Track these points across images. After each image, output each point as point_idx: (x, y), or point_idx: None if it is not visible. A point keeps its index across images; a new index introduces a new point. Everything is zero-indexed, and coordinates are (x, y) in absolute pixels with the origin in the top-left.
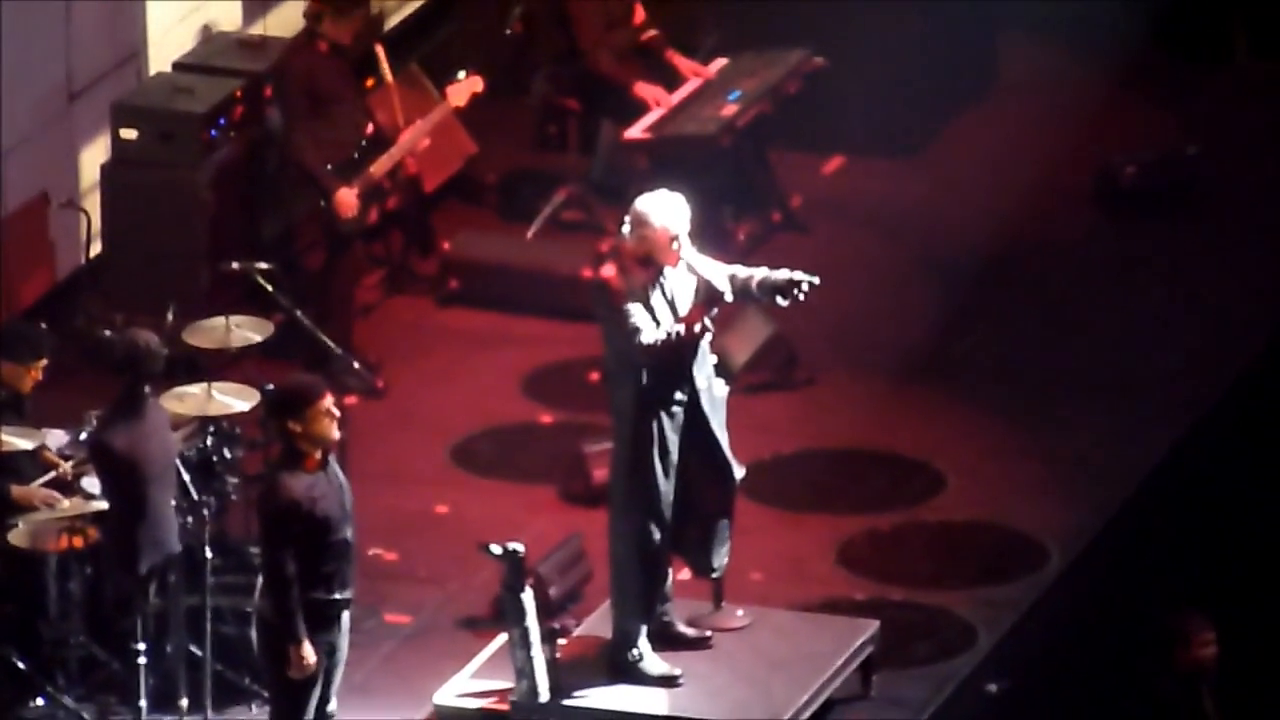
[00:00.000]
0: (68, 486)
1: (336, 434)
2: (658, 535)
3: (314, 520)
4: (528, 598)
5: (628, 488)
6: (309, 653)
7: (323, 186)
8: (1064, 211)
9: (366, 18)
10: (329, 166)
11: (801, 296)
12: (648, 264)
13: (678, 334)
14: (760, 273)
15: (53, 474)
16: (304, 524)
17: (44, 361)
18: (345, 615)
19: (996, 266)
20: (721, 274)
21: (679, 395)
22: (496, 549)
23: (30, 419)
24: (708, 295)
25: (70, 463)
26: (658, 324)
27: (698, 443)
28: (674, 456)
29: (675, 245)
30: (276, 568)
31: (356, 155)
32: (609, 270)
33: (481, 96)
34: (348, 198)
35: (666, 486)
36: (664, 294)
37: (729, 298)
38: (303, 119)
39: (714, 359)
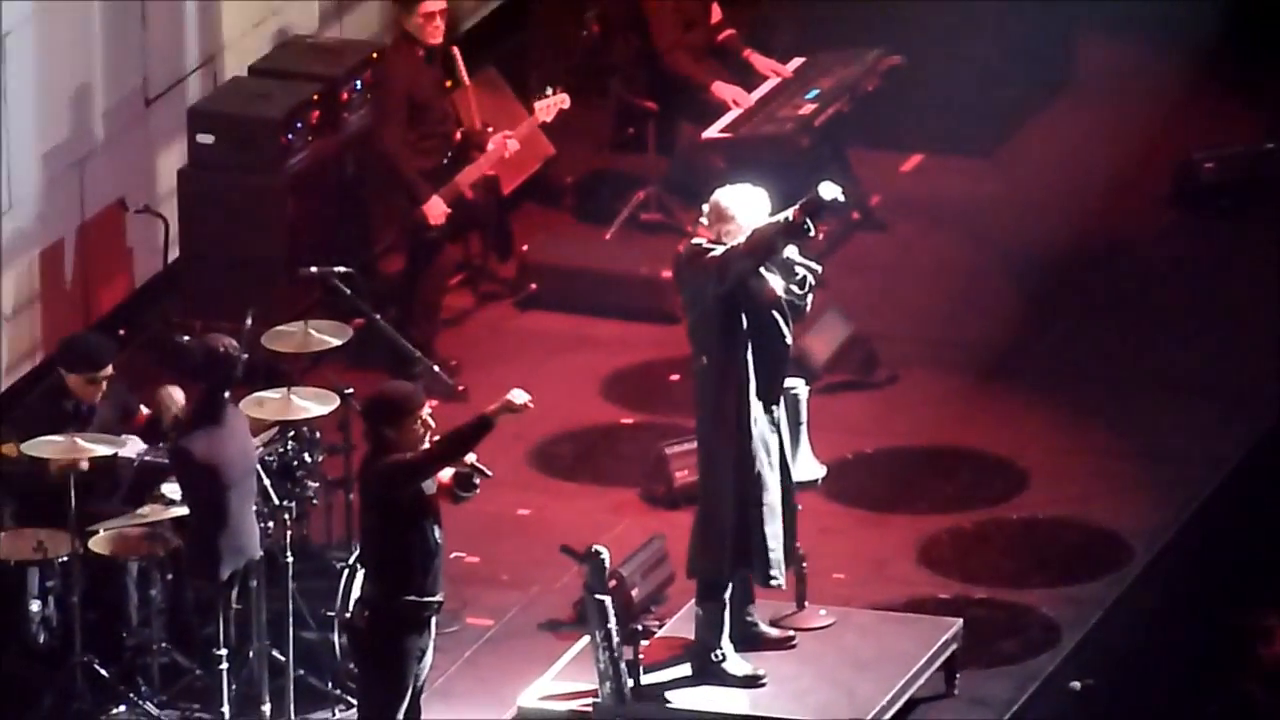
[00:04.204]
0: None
1: (428, 445)
2: (776, 494)
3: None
4: (610, 600)
5: (744, 454)
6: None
7: (414, 193)
8: (1142, 208)
9: (445, 14)
10: (420, 173)
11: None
12: None
13: (786, 219)
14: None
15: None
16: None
17: (108, 371)
18: (434, 620)
19: (1075, 264)
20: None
21: (778, 387)
22: (578, 552)
23: (100, 427)
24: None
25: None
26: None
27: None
28: (775, 453)
29: None
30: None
31: (445, 161)
32: (697, 238)
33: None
34: (437, 206)
35: (773, 479)
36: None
37: (818, 269)
38: (400, 126)
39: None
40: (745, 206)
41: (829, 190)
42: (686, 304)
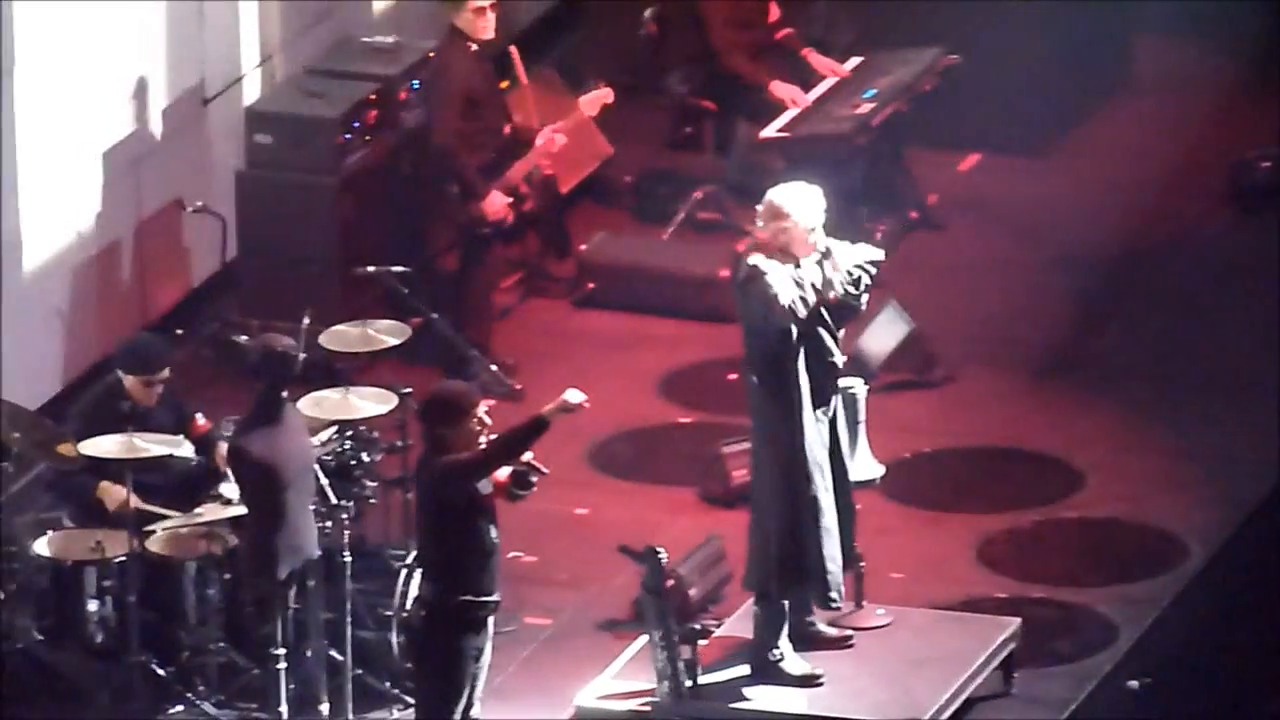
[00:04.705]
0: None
1: (483, 443)
2: (831, 516)
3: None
4: (667, 599)
5: (798, 475)
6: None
7: (473, 190)
8: (1198, 208)
9: (495, 8)
10: (477, 169)
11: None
12: (784, 255)
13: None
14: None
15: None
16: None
17: (165, 374)
18: (491, 620)
19: (1132, 263)
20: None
21: (829, 393)
22: (636, 551)
23: (156, 430)
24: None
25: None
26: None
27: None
28: (826, 453)
29: (811, 237)
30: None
31: (496, 157)
32: (756, 257)
33: (616, 99)
34: (497, 200)
35: (828, 500)
36: (802, 283)
37: (880, 254)
38: (457, 123)
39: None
40: (800, 205)
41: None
42: (741, 322)
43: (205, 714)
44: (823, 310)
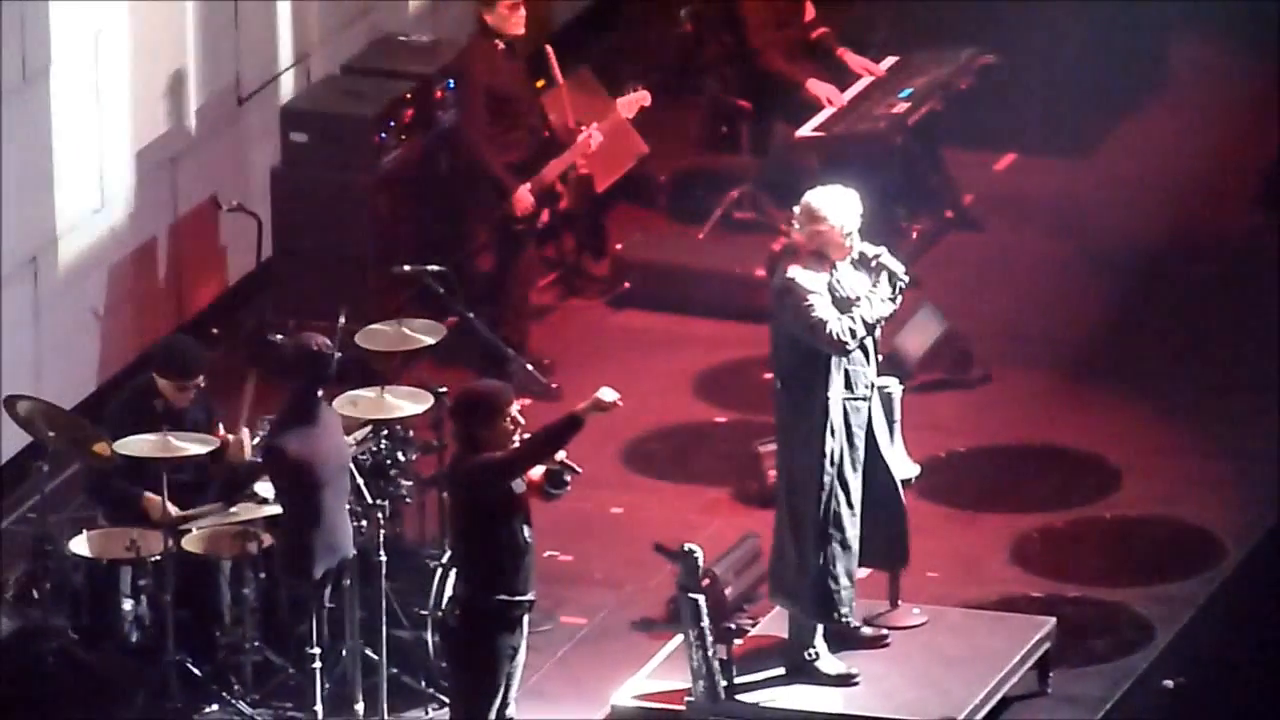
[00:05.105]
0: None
1: (518, 443)
2: (853, 531)
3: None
4: (703, 598)
5: (820, 487)
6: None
7: (500, 186)
8: (1233, 209)
9: (525, 4)
10: (506, 166)
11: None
12: (821, 258)
13: (861, 318)
14: (883, 254)
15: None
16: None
17: (199, 381)
18: (525, 619)
19: (1168, 263)
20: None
21: (863, 391)
22: (672, 550)
23: (192, 426)
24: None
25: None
26: (841, 315)
27: (869, 447)
28: (861, 453)
29: (848, 241)
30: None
31: (531, 156)
32: (794, 269)
33: (653, 98)
34: (524, 196)
35: (856, 483)
36: (839, 287)
37: (904, 279)
38: (482, 119)
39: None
40: (837, 209)
41: None
42: (771, 327)
43: (240, 713)
44: (866, 324)
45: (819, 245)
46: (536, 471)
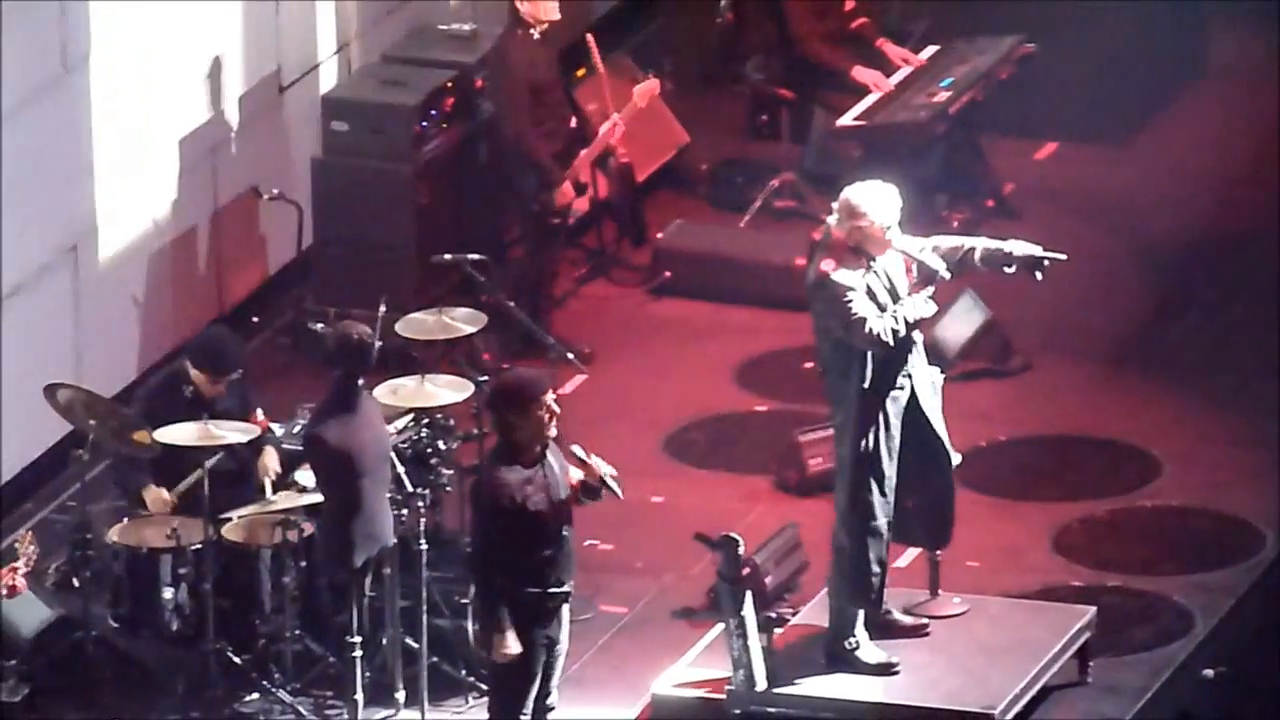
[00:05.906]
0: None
1: (554, 431)
2: (884, 519)
3: (524, 516)
4: (743, 587)
5: (854, 476)
6: (511, 642)
7: (548, 177)
8: (1273, 198)
9: None
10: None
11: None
12: (859, 253)
13: (903, 317)
14: (979, 243)
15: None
16: (513, 519)
17: (233, 376)
18: (564, 609)
19: (1207, 252)
20: (932, 250)
21: (900, 380)
22: (712, 539)
23: (224, 413)
24: (923, 276)
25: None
26: (881, 311)
27: (917, 427)
28: (897, 440)
29: (887, 235)
30: (479, 556)
31: (564, 145)
32: (829, 264)
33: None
34: (567, 190)
35: (890, 470)
36: (880, 280)
37: (945, 275)
38: (526, 111)
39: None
40: (877, 204)
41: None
42: (814, 324)
43: (281, 701)
44: (907, 323)
45: (858, 241)
46: (575, 476)
